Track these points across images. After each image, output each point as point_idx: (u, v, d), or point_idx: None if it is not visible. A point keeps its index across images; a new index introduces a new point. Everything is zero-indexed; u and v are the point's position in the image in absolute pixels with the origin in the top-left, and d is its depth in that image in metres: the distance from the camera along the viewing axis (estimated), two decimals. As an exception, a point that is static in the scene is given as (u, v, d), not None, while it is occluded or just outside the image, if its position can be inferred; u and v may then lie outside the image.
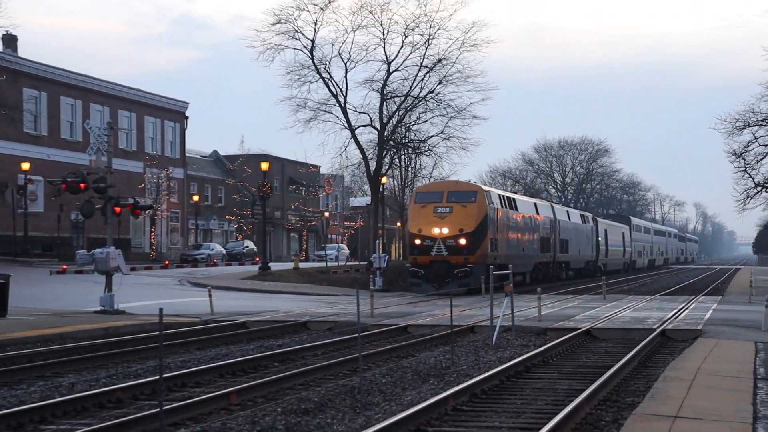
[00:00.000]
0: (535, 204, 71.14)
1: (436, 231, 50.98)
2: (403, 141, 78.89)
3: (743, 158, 70.47)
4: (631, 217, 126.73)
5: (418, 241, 51.84)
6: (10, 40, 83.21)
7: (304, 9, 73.97)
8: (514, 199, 63.01)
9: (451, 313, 26.40)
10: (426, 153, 78.85)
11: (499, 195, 58.43)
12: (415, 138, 79.25)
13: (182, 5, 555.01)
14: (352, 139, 75.74)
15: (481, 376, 19.75)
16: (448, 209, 51.66)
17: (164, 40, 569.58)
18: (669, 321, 34.38)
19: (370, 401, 17.70)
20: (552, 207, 77.32)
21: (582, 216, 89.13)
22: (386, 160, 77.81)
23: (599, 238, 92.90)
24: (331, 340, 28.57)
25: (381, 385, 19.68)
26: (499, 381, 20.16)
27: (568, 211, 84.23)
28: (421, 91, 77.53)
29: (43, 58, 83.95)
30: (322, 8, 74.06)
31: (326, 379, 20.96)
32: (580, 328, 30.95)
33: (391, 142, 77.39)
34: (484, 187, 55.72)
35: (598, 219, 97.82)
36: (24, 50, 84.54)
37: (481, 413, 16.74)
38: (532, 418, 16.00)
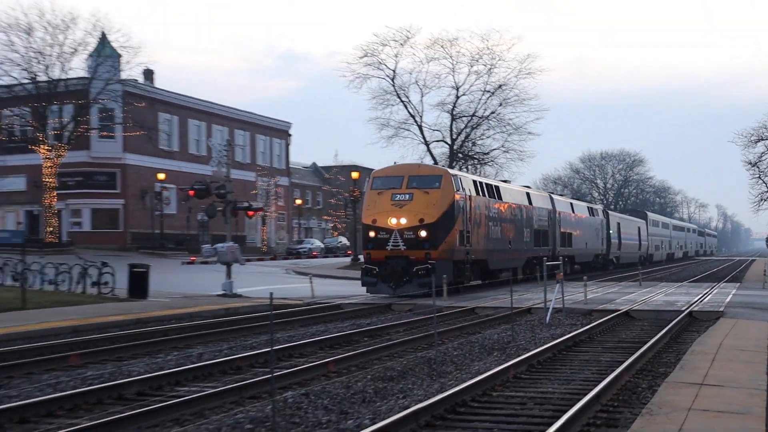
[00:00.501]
0: (528, 194, 52.98)
1: (392, 222, 36.17)
2: (470, 154, 78.58)
3: (757, 167, 70.77)
4: (648, 212, 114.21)
5: (372, 234, 36.81)
6: (148, 74, 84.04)
7: (386, 44, 74.53)
8: (497, 187, 46.68)
9: (511, 297, 26.30)
10: (489, 164, 78.30)
11: (475, 181, 42.76)
12: (480, 151, 78.90)
13: (286, 43, 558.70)
14: (428, 153, 75.81)
15: (536, 350, 19.64)
16: (407, 196, 36.75)
17: (272, 72, 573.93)
18: (695, 304, 33.78)
19: (444, 370, 17.66)
20: (551, 198, 59.17)
21: (590, 209, 71.11)
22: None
23: (610, 231, 75.52)
24: (411, 319, 28.50)
25: (453, 356, 19.61)
26: (552, 354, 20.02)
27: (572, 203, 65.28)
28: (484, 112, 77.68)
29: (174, 87, 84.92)
30: (401, 44, 74.56)
31: (407, 351, 20.92)
32: (619, 310, 30.44)
33: (460, 155, 77.29)
34: (452, 171, 41.07)
35: (609, 212, 79.76)
36: (159, 82, 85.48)
37: (537, 381, 16.65)
38: (580, 384, 15.88)
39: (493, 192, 44.76)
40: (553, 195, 60.68)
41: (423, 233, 36.08)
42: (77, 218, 78.10)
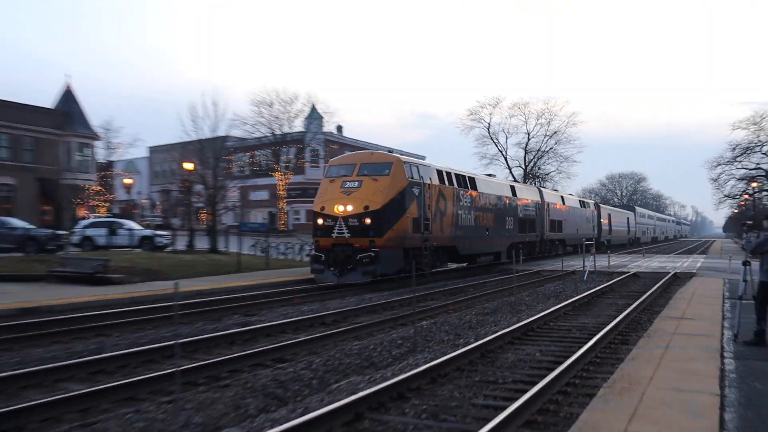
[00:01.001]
0: (512, 187, 38.38)
1: (339, 209, 24.26)
2: (536, 174, 78.13)
3: (717, 182, 72.03)
4: (636, 207, 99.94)
5: (320, 221, 24.72)
6: (339, 128, 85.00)
7: (484, 107, 75.90)
8: (471, 178, 31.83)
9: (562, 263, 26.05)
10: (548, 180, 77.73)
11: (440, 170, 28.47)
12: (542, 172, 78.48)
13: (422, 107, 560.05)
14: (510, 174, 75.69)
15: (577, 297, 19.36)
16: (356, 184, 24.99)
17: (413, 125, 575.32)
18: (678, 267, 32.92)
19: (519, 309, 17.58)
20: (540, 191, 44.38)
21: (581, 202, 55.90)
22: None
23: (601, 220, 61.68)
24: (498, 277, 28.32)
25: (525, 301, 19.48)
26: (587, 299, 19.70)
27: (562, 197, 49.82)
28: (545, 148, 77.84)
29: (355, 135, 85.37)
30: (493, 106, 75.83)
31: (496, 297, 20.83)
32: (630, 271, 29.70)
33: (530, 175, 76.90)
34: (405, 158, 26.66)
35: (601, 206, 65.37)
36: (345, 132, 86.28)
37: (578, 315, 16.43)
38: (605, 318, 15.62)
39: (466, 183, 30.77)
40: (542, 188, 46.54)
41: (368, 220, 23.59)
42: (297, 215, 79.45)
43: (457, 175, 29.80)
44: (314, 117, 73.26)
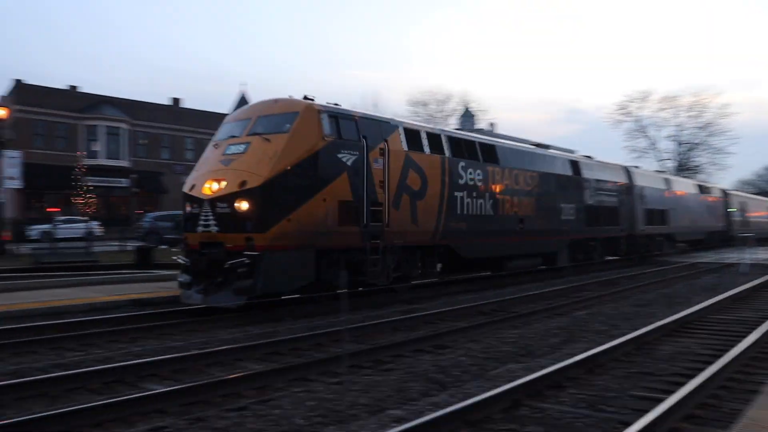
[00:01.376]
0: (575, 161, 25.61)
1: (213, 188, 12.25)
2: (689, 166, 74.43)
3: None
4: None
5: (187, 208, 12.79)
6: (493, 125, 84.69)
7: (633, 101, 73.95)
8: (489, 145, 19.09)
9: (718, 256, 24.54)
10: (701, 173, 73.94)
11: (412, 130, 15.83)
12: (695, 164, 74.77)
13: (571, 102, 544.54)
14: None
15: (736, 290, 18.13)
16: (242, 147, 12.51)
17: (562, 121, 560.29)
18: None
19: (676, 301, 16.75)
20: (627, 171, 29.83)
21: (701, 187, 41.00)
22: (679, 178, 73.85)
23: (731, 210, 47.46)
24: (654, 269, 27.05)
25: (682, 293, 18.51)
26: (747, 293, 18.41)
27: (667, 179, 35.47)
28: (697, 140, 74.12)
29: (507, 132, 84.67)
30: (642, 100, 73.47)
31: (651, 289, 19.90)
32: (794, 266, 27.71)
33: (684, 167, 73.47)
34: (325, 105, 13.45)
35: (731, 192, 50.39)
36: (499, 129, 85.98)
37: (738, 309, 15.40)
38: (767, 312, 14.60)
39: (475, 151, 18.46)
40: (631, 168, 31.04)
41: (243, 205, 12.46)
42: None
43: (452, 138, 17.94)
44: (468, 116, 73.53)
